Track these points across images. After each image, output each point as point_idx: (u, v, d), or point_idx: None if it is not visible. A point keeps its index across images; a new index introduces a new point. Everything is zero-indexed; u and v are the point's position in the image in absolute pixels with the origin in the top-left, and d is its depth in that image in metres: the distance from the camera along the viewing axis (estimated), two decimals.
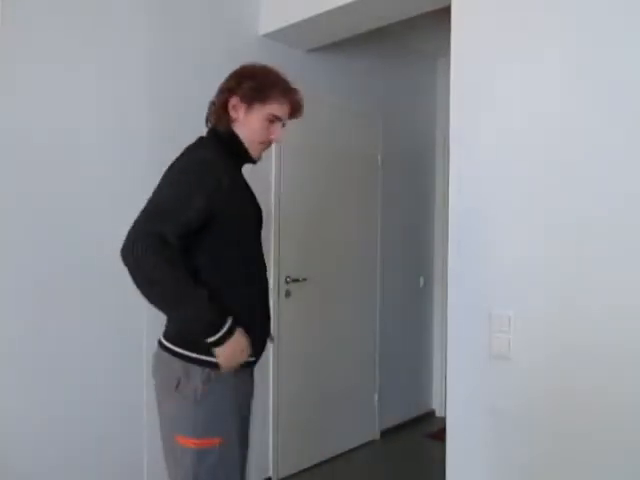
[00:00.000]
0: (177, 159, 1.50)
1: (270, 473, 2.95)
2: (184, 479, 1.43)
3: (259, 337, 1.54)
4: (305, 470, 3.14)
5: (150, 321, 2.37)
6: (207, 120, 1.59)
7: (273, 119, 1.52)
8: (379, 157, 3.63)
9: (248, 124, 1.51)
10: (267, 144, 1.57)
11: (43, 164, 2.11)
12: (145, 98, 2.39)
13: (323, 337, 3.25)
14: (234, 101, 1.50)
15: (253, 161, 1.60)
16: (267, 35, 2.83)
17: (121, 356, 2.32)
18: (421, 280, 4.06)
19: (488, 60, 1.82)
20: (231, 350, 1.39)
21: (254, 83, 1.49)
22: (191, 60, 2.54)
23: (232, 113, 1.51)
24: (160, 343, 1.50)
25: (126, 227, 1.35)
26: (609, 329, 1.57)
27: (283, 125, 1.57)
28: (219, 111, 1.53)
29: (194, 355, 1.42)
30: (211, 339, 1.36)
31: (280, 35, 2.83)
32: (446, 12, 1.97)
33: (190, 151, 1.51)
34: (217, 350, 1.38)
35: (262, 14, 2.83)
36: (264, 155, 1.62)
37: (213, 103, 1.57)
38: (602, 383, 1.58)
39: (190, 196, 1.37)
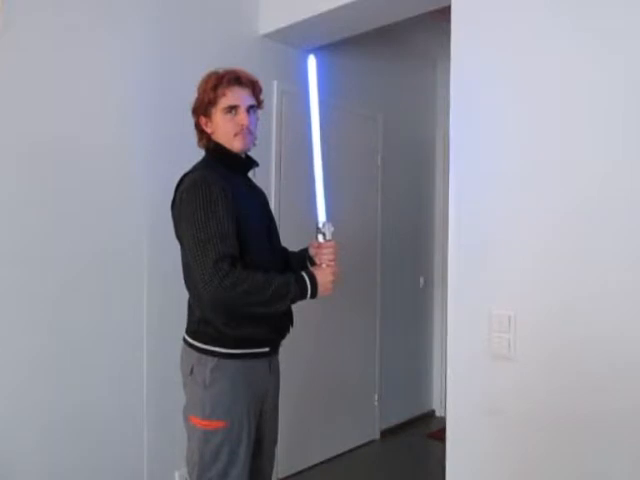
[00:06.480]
0: (177, 192, 1.63)
1: None
2: (192, 454, 1.62)
3: (272, 329, 1.72)
4: (305, 470, 3.14)
5: (150, 324, 2.38)
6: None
7: (230, 110, 1.65)
8: (379, 157, 3.62)
9: (218, 128, 1.67)
10: (243, 132, 1.68)
11: (44, 165, 2.11)
12: (145, 99, 2.38)
13: (323, 337, 3.25)
14: (202, 120, 1.69)
15: (246, 164, 1.75)
16: (267, 35, 2.83)
17: (121, 358, 2.32)
18: (421, 280, 4.06)
19: (488, 60, 1.82)
20: (323, 289, 1.64)
21: (200, 96, 1.68)
22: (190, 60, 2.53)
23: (207, 129, 1.70)
24: (183, 337, 1.71)
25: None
26: (610, 329, 1.56)
27: (253, 109, 1.71)
28: (199, 133, 1.72)
29: (205, 347, 1.62)
30: (309, 296, 1.62)
31: (280, 35, 2.82)
32: (446, 12, 1.97)
33: (186, 177, 1.63)
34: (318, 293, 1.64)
35: (262, 14, 2.83)
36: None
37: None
38: (603, 383, 1.57)
39: (209, 214, 1.51)
